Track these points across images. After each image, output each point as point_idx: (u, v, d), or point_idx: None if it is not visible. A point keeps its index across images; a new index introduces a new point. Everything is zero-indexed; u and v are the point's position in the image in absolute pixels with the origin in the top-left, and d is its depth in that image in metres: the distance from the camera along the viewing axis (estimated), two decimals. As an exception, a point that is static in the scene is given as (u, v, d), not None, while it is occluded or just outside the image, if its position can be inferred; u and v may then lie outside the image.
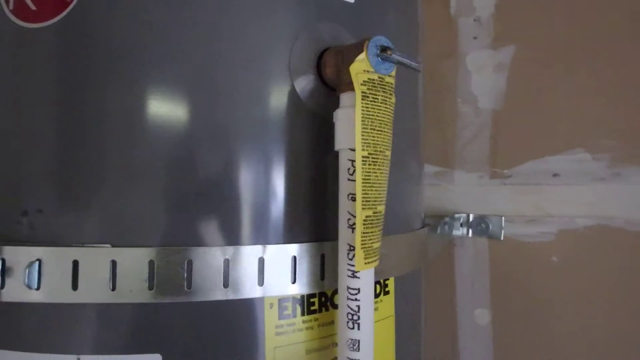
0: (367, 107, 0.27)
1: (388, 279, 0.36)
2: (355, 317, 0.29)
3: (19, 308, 0.28)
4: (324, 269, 0.32)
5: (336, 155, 0.30)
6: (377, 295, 0.35)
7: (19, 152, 0.30)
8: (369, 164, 0.27)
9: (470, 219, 0.66)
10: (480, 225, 0.66)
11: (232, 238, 0.30)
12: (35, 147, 0.30)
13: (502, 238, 0.64)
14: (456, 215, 0.66)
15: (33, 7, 0.30)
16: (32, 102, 0.30)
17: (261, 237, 0.30)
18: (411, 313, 0.40)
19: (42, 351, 0.28)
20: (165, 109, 0.29)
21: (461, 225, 0.66)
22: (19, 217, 0.29)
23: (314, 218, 0.32)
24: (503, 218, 0.65)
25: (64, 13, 0.30)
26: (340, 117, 0.29)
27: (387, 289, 0.36)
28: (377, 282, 0.35)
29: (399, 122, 0.31)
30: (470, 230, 0.66)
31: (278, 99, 0.31)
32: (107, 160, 0.29)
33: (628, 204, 0.59)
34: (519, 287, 0.63)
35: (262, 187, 0.31)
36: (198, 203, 0.29)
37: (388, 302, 0.36)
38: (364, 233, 0.27)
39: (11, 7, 0.31)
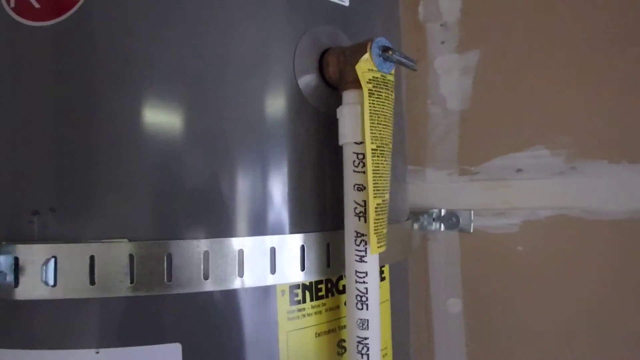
0: (374, 104, 0.30)
1: (384, 266, 0.39)
2: (364, 299, 0.31)
3: (35, 306, 0.29)
4: (330, 257, 0.34)
5: (337, 149, 0.33)
6: (375, 282, 0.37)
7: (25, 153, 0.30)
8: (378, 156, 0.30)
9: (442, 214, 0.70)
10: (452, 220, 0.70)
11: (245, 229, 0.31)
12: (41, 147, 0.30)
13: (471, 231, 0.69)
14: (429, 211, 0.70)
15: (37, 6, 0.31)
16: (34, 103, 0.30)
17: (272, 228, 0.32)
18: (402, 299, 0.43)
19: (61, 347, 0.29)
20: (168, 111, 0.30)
21: (434, 220, 0.70)
22: (30, 216, 0.29)
23: (318, 209, 0.34)
24: (472, 212, 0.69)
25: (68, 14, 0.31)
26: (345, 113, 0.32)
27: (383, 275, 0.39)
28: (375, 269, 0.38)
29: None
30: (442, 225, 0.70)
31: (284, 97, 0.33)
32: (114, 159, 0.30)
33: (584, 195, 0.65)
34: (488, 276, 0.68)
35: (271, 181, 0.32)
36: (212, 201, 0.31)
37: (384, 288, 0.39)
38: (376, 220, 0.29)
39: (12, 4, 0.31)
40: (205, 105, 0.31)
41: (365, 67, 0.30)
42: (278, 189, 0.33)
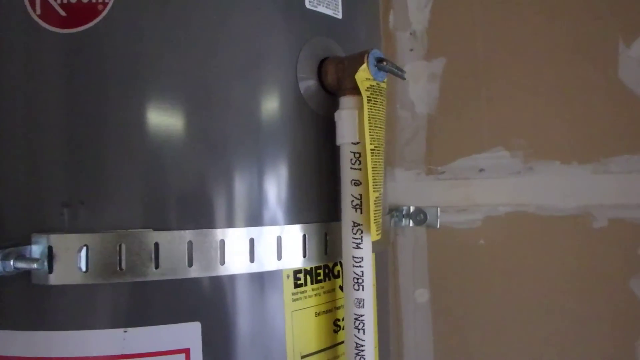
0: (371, 109, 0.36)
1: (371, 255, 0.45)
2: (360, 281, 0.37)
3: (68, 290, 0.33)
4: (327, 245, 0.39)
5: (333, 148, 0.38)
6: (364, 268, 0.43)
7: (53, 154, 0.34)
8: (375, 155, 0.36)
9: (411, 211, 0.78)
10: (419, 216, 0.77)
11: (255, 220, 0.36)
12: (63, 148, 0.34)
13: (438, 226, 0.76)
14: (399, 208, 0.77)
15: (63, 14, 0.35)
16: (60, 106, 0.34)
17: (278, 219, 0.37)
18: (384, 285, 0.49)
19: (92, 328, 0.33)
20: (177, 116, 0.35)
21: (403, 216, 0.77)
22: (61, 208, 0.33)
23: (317, 202, 0.40)
24: (438, 209, 0.77)
25: (91, 24, 0.34)
26: (343, 116, 0.37)
27: (370, 263, 0.45)
28: (363, 257, 0.43)
29: None
30: (411, 221, 0.77)
31: (287, 99, 0.38)
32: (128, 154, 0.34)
33: (539, 193, 0.74)
34: (453, 268, 0.76)
35: (277, 178, 0.38)
36: (226, 195, 0.36)
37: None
38: (375, 211, 0.35)
39: (38, 12, 0.35)
40: (215, 108, 0.36)
41: (364, 76, 0.36)
42: (283, 185, 0.38)
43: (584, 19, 0.69)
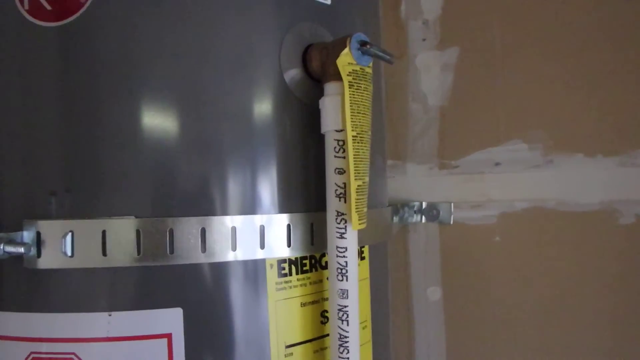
0: (353, 94, 0.36)
1: (364, 247, 0.45)
2: (344, 271, 0.38)
3: (55, 274, 0.35)
4: (313, 235, 0.40)
5: (320, 137, 0.39)
6: (355, 260, 0.44)
7: (41, 144, 0.36)
8: (358, 142, 0.36)
9: (423, 207, 0.77)
10: (432, 212, 0.77)
11: (238, 208, 0.37)
12: (54, 139, 0.36)
13: (451, 222, 0.76)
14: (410, 204, 0.77)
15: (48, 7, 0.37)
16: (47, 97, 0.36)
17: (261, 208, 0.38)
18: (381, 279, 0.50)
19: (77, 311, 0.34)
20: (164, 106, 0.37)
21: (415, 212, 0.77)
22: (48, 196, 0.35)
23: (303, 192, 0.40)
24: (452, 204, 0.76)
25: (75, 16, 0.36)
26: (326, 103, 0.38)
27: (362, 255, 0.45)
28: (354, 249, 0.44)
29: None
30: (423, 217, 0.77)
31: (271, 90, 0.39)
32: (117, 150, 0.36)
33: (559, 188, 0.72)
34: (467, 265, 0.75)
35: (260, 166, 0.39)
36: (209, 183, 0.37)
37: (364, 266, 0.45)
38: (357, 199, 0.36)
39: (26, 7, 0.37)
40: (200, 100, 0.37)
41: (345, 60, 0.36)
42: (267, 174, 0.39)
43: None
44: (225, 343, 0.37)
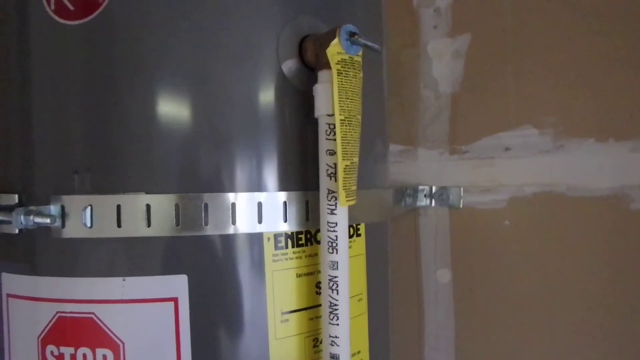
0: (342, 81, 0.40)
1: (359, 224, 0.49)
2: (334, 244, 0.42)
3: (77, 243, 0.40)
4: (308, 212, 0.44)
5: (316, 122, 0.43)
6: (350, 236, 0.48)
7: (67, 129, 0.41)
8: (346, 125, 0.40)
9: (433, 191, 0.80)
10: (442, 196, 0.79)
11: (238, 186, 0.42)
12: (78, 124, 0.41)
13: (460, 206, 0.78)
14: (420, 188, 0.80)
15: (71, 8, 0.42)
16: (72, 90, 0.42)
17: (259, 186, 0.43)
18: (379, 255, 0.53)
19: (96, 276, 0.40)
20: (175, 94, 0.41)
21: (425, 196, 0.80)
22: (72, 174, 0.40)
23: (299, 172, 0.44)
24: (462, 189, 0.78)
25: (94, 15, 0.41)
26: (319, 90, 0.42)
27: (359, 232, 0.49)
28: (350, 226, 0.48)
29: (366, 103, 0.44)
30: (433, 201, 0.80)
31: (270, 80, 0.43)
32: (132, 131, 0.41)
33: (569, 173, 0.74)
34: (476, 249, 0.78)
35: (259, 148, 0.43)
36: (213, 163, 0.41)
37: (360, 243, 0.49)
38: (344, 178, 0.40)
39: (52, 7, 0.42)
40: (208, 88, 0.42)
41: (335, 50, 0.40)
42: (265, 155, 0.43)
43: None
44: (226, 308, 0.41)
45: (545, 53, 0.74)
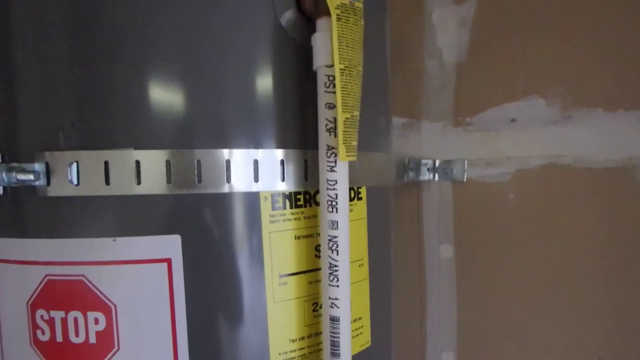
0: (342, 28, 0.38)
1: (361, 187, 0.47)
2: (334, 203, 0.40)
3: (64, 202, 0.38)
4: (307, 172, 0.42)
5: (314, 76, 0.41)
6: (351, 199, 0.46)
7: (52, 84, 0.39)
8: (346, 76, 0.38)
9: (436, 165, 0.78)
10: (445, 170, 0.77)
11: (232, 142, 0.40)
12: (63, 82, 0.39)
13: (464, 180, 0.76)
14: (423, 161, 0.78)
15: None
16: (60, 51, 0.39)
17: (255, 143, 0.40)
18: (381, 221, 0.51)
19: (86, 236, 0.38)
20: (171, 55, 0.39)
21: (428, 170, 0.78)
22: (56, 130, 0.38)
23: (297, 129, 0.42)
24: (466, 162, 0.76)
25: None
26: (317, 39, 0.40)
27: (360, 196, 0.47)
28: (351, 189, 0.46)
29: (368, 57, 0.41)
30: (436, 175, 0.78)
31: (268, 32, 0.41)
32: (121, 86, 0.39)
33: (577, 144, 0.72)
34: (480, 223, 0.76)
35: (256, 101, 0.41)
36: (204, 117, 0.39)
37: (361, 207, 0.47)
38: (344, 132, 0.38)
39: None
40: (203, 40, 0.39)
41: (334, -5, 0.38)
42: (263, 111, 0.41)
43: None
44: (221, 269, 0.40)
45: (554, 20, 0.71)
